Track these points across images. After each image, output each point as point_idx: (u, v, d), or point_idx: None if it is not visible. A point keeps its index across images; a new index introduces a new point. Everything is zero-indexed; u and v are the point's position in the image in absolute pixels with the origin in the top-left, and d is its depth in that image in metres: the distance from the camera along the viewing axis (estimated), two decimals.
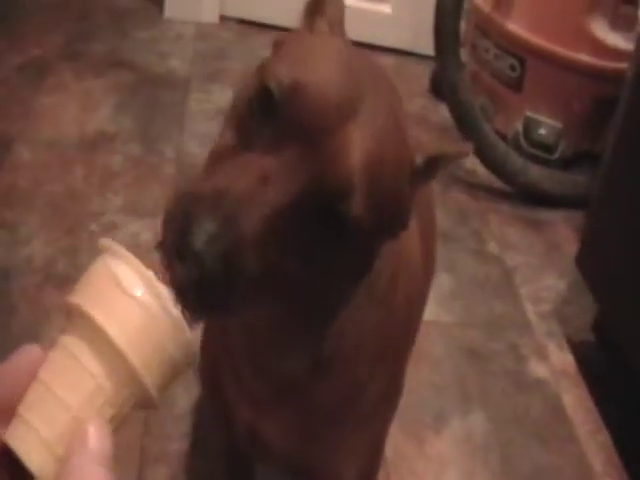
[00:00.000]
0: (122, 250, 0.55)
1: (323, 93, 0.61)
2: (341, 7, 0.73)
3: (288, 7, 2.77)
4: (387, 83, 0.69)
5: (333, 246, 0.62)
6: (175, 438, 1.40)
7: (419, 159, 0.68)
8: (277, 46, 0.70)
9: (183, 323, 0.55)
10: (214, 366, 0.92)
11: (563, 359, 1.75)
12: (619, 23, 2.32)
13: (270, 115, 0.61)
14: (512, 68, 2.37)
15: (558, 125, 2.34)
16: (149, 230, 1.77)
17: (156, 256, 0.58)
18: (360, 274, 0.70)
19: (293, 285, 0.64)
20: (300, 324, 0.74)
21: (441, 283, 1.84)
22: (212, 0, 2.76)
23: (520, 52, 2.34)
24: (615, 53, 2.28)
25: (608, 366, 1.76)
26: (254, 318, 0.74)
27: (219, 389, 0.92)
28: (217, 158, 0.64)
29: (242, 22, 2.79)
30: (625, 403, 1.66)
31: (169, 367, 0.55)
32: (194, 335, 0.56)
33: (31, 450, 0.52)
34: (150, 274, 0.54)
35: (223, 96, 2.33)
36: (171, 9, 2.74)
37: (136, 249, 0.55)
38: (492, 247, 2.03)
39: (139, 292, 0.54)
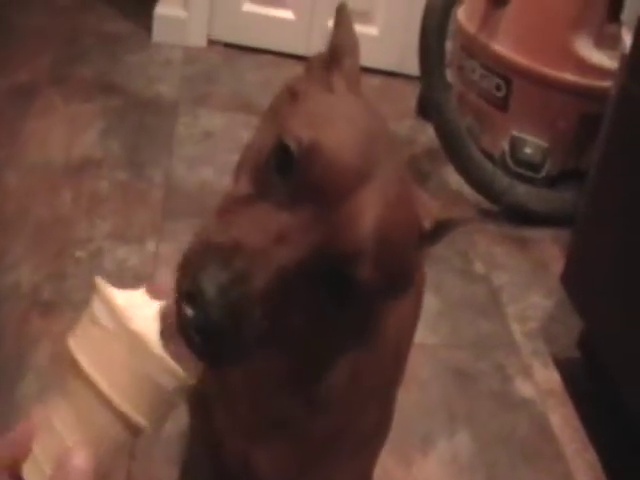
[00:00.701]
0: (106, 289, 0.60)
1: (341, 157, 0.62)
2: (357, 60, 0.74)
3: (275, 31, 2.82)
4: (396, 146, 0.71)
5: (338, 305, 0.64)
6: (161, 463, 1.40)
7: (427, 225, 0.70)
8: (292, 95, 0.71)
9: (163, 354, 0.58)
10: (204, 395, 0.93)
11: (549, 378, 1.76)
12: (604, 42, 2.34)
13: (288, 172, 0.63)
14: (498, 88, 2.38)
15: (544, 144, 2.35)
16: (136, 256, 1.77)
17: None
18: (362, 330, 0.72)
19: (296, 338, 0.66)
20: (300, 371, 0.77)
21: (427, 304, 1.82)
22: (200, 24, 2.78)
23: (505, 72, 2.35)
24: (600, 71, 2.30)
25: (594, 384, 1.76)
26: (255, 365, 0.75)
27: (209, 418, 0.93)
28: (232, 204, 0.65)
29: (229, 45, 2.82)
30: (612, 421, 1.67)
31: (154, 392, 0.58)
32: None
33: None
34: (121, 310, 0.58)
35: (211, 120, 2.34)
36: (159, 33, 2.76)
37: (123, 274, 0.58)
38: (478, 267, 2.04)
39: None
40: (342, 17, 0.76)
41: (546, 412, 1.66)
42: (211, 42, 2.81)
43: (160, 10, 2.77)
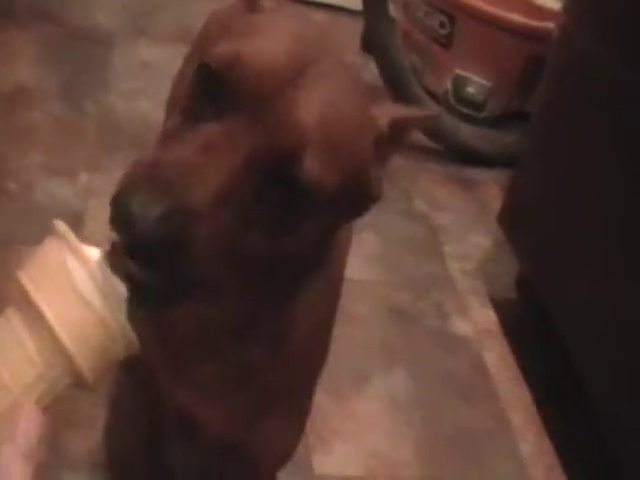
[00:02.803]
0: (76, 241, 0.56)
1: (264, 59, 0.59)
2: None
3: None
4: (340, 54, 0.67)
5: (297, 215, 0.60)
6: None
7: (383, 124, 0.66)
8: (220, 25, 0.68)
9: (125, 322, 0.56)
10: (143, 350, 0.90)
11: (486, 317, 1.77)
12: None
13: (213, 91, 0.60)
14: (442, 25, 2.36)
15: (487, 83, 2.34)
16: (68, 188, 1.73)
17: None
18: (323, 249, 0.69)
19: (256, 262, 0.61)
20: (264, 306, 0.72)
21: (367, 242, 1.84)
22: None
23: (450, 9, 2.33)
24: (547, 13, 2.28)
25: (530, 324, 1.78)
26: (208, 308, 0.72)
27: (148, 373, 0.89)
28: (163, 139, 0.62)
29: None
30: (546, 361, 1.69)
31: (107, 354, 0.56)
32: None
33: None
34: (99, 275, 0.55)
35: (149, 51, 2.28)
36: None
37: (54, 207, 0.55)
38: (420, 206, 2.04)
39: (87, 289, 0.55)
40: None
41: (482, 351, 1.68)
42: None
43: None
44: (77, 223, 1.59)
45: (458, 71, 2.35)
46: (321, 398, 1.45)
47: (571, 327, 1.53)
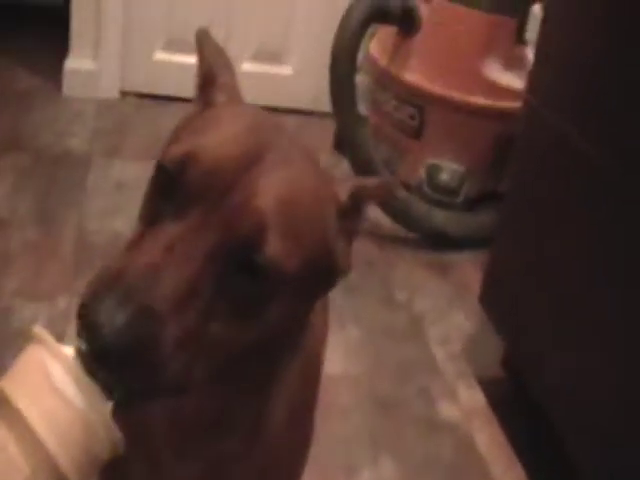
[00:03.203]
0: (53, 342, 0.57)
1: (216, 154, 0.60)
2: (232, 72, 0.73)
3: (188, 78, 2.82)
4: (293, 137, 0.68)
5: (263, 300, 0.60)
6: None
7: (343, 197, 0.67)
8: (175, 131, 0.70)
9: (108, 418, 0.57)
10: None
11: (474, 398, 1.76)
12: (512, 64, 2.39)
13: (171, 191, 0.61)
14: (412, 117, 2.41)
15: (460, 169, 2.38)
16: (46, 313, 1.74)
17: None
18: (298, 330, 0.69)
19: (227, 351, 0.62)
20: (238, 394, 0.72)
21: (350, 335, 1.84)
22: (111, 76, 2.78)
23: (418, 101, 2.39)
24: (510, 93, 2.35)
25: (519, 402, 1.77)
26: (187, 396, 0.70)
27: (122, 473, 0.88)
28: (127, 247, 0.63)
29: (142, 96, 2.81)
30: (538, 437, 1.67)
31: (91, 452, 0.56)
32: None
33: None
34: (78, 370, 0.57)
35: (123, 170, 2.33)
36: (70, 87, 2.75)
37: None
38: (399, 294, 2.04)
39: (67, 388, 0.56)
40: (203, 41, 0.75)
41: (472, 433, 1.66)
42: (124, 93, 2.81)
43: (70, 64, 2.76)
44: None
45: (430, 160, 2.39)
46: None
47: (556, 401, 1.52)
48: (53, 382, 0.55)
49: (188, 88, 3.14)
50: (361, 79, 2.48)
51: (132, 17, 2.75)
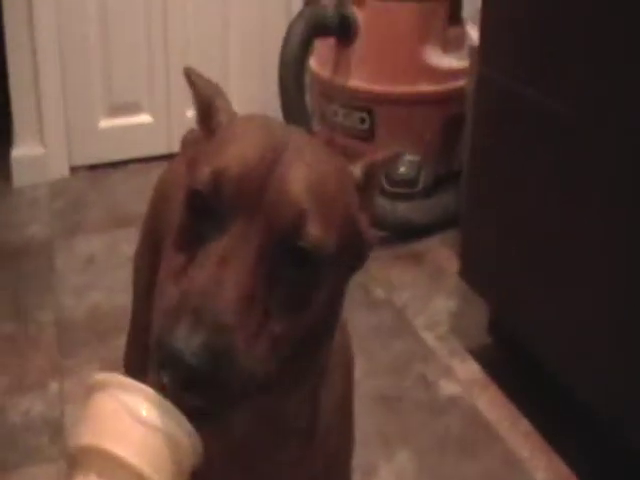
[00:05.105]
0: (120, 377, 0.61)
1: (241, 163, 0.66)
2: (225, 96, 0.79)
3: (136, 138, 2.84)
4: (299, 131, 0.74)
5: (311, 286, 0.66)
6: None
7: (357, 173, 0.74)
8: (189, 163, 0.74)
9: (195, 435, 0.60)
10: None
11: (470, 370, 1.81)
12: (450, 45, 2.45)
13: (208, 212, 0.66)
14: (362, 121, 2.46)
15: (416, 158, 2.41)
16: (40, 401, 1.73)
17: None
18: (337, 312, 0.73)
19: (286, 345, 0.66)
20: (294, 398, 0.76)
21: None
22: (59, 155, 2.78)
23: (366, 103, 2.44)
24: (452, 74, 2.40)
25: (512, 362, 1.81)
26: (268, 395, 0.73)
27: None
28: (174, 276, 0.67)
29: (93, 167, 2.82)
30: (536, 388, 1.72)
31: (181, 469, 0.60)
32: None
33: None
34: (156, 396, 0.60)
35: (90, 244, 2.34)
36: (20, 176, 2.72)
37: (31, 423, 0.57)
38: (379, 292, 2.08)
39: (152, 416, 0.59)
40: (193, 77, 0.81)
41: (474, 402, 1.71)
42: (74, 169, 2.80)
43: (16, 152, 2.74)
44: (57, 432, 1.62)
45: None
46: None
47: (547, 350, 1.56)
48: (136, 415, 0.58)
49: (137, 148, 3.11)
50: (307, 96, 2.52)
51: (71, 93, 2.76)
